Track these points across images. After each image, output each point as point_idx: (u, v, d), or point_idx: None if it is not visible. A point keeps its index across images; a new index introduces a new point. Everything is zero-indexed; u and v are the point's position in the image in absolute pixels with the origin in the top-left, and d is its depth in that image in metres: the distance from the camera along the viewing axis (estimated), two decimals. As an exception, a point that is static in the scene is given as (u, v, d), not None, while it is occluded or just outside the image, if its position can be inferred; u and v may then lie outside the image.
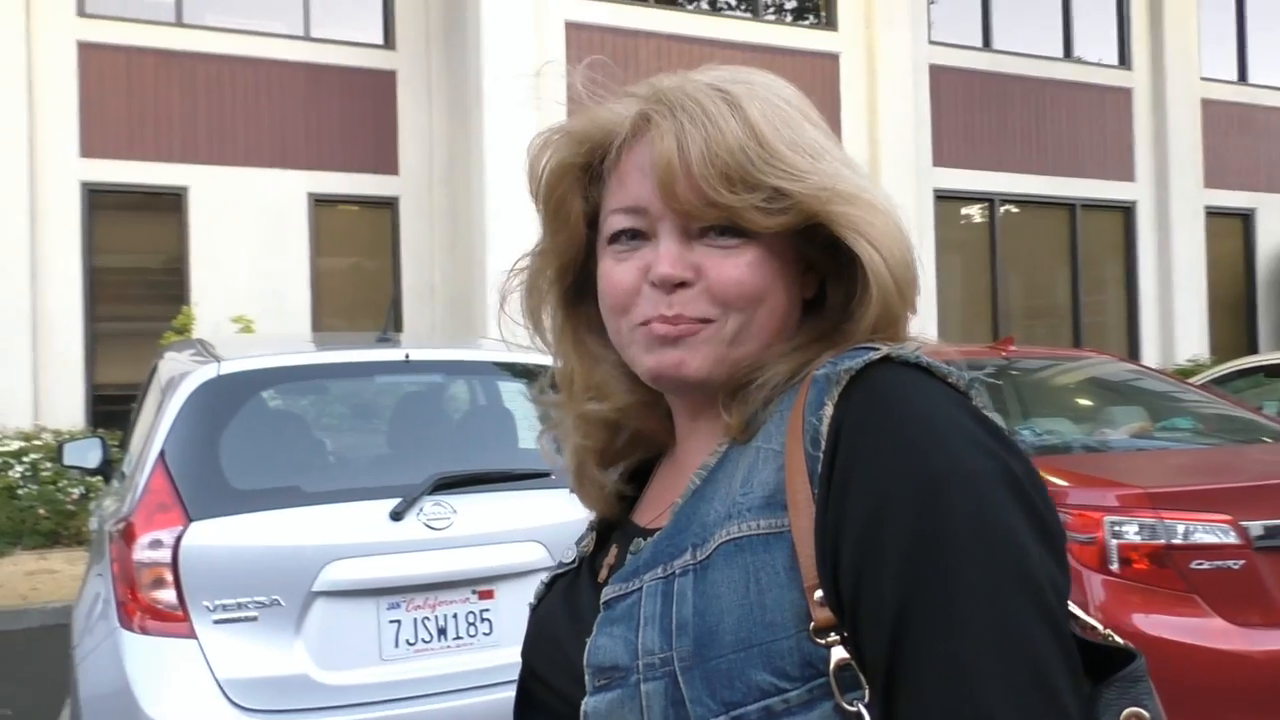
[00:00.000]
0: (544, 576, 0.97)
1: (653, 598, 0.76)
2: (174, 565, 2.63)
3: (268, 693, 2.64)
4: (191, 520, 2.69)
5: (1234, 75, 13.95)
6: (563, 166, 0.87)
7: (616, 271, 0.84)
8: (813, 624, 0.69)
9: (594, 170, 0.87)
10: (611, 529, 0.94)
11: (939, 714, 0.64)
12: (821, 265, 0.85)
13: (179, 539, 2.65)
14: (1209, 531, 3.24)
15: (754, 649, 0.70)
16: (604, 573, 0.88)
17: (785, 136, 0.79)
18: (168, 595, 2.63)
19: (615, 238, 0.84)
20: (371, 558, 2.79)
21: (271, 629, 2.67)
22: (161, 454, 2.80)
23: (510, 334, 0.98)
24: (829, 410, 0.73)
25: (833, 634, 0.69)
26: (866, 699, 0.68)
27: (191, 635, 2.61)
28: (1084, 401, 5.04)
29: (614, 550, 0.90)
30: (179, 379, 3.00)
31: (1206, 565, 3.20)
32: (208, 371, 2.96)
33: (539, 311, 0.94)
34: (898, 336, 0.82)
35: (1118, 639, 0.76)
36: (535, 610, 0.95)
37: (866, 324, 0.80)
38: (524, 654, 0.93)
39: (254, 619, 2.66)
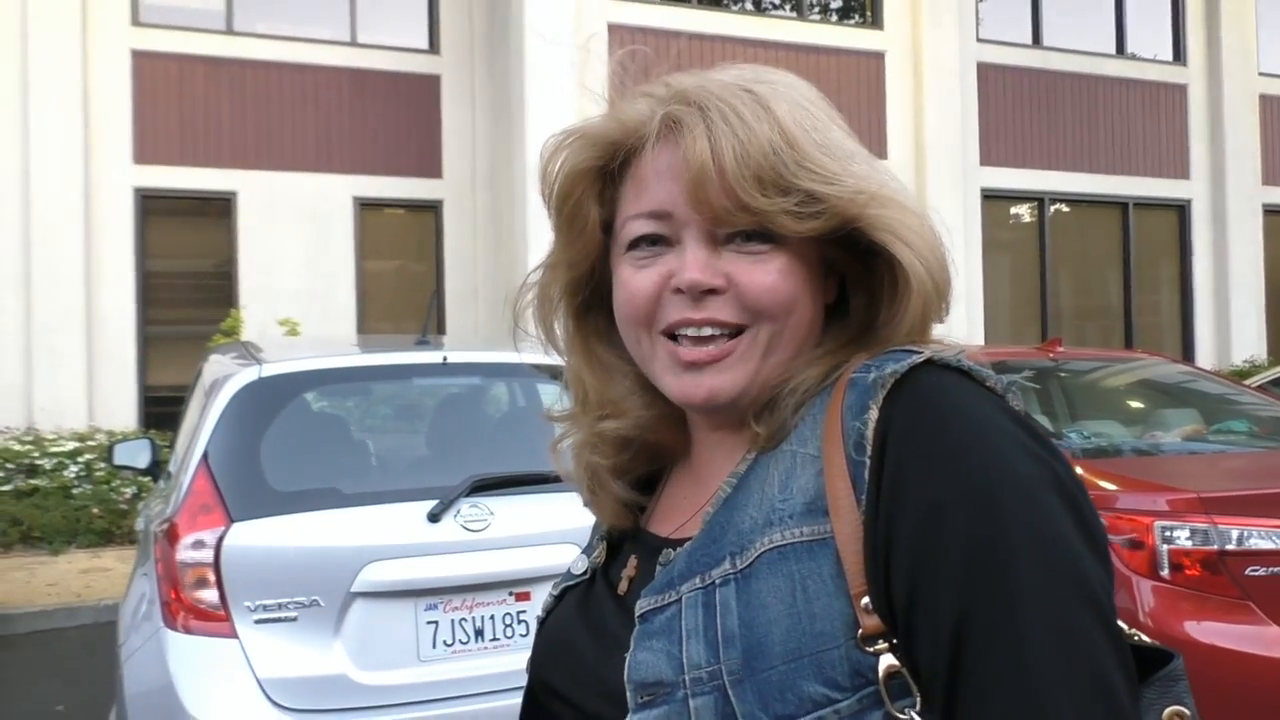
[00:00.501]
0: (552, 588, 0.95)
1: (694, 609, 0.74)
2: (216, 565, 2.67)
3: (307, 692, 2.66)
4: (233, 521, 2.72)
5: (1293, 69, 13.59)
6: (578, 171, 0.84)
7: (637, 279, 0.81)
8: (860, 631, 0.68)
9: (609, 174, 0.84)
10: (622, 539, 0.91)
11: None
12: (844, 269, 0.82)
13: (221, 539, 2.68)
14: (1264, 537, 3.15)
15: (804, 659, 0.69)
16: (624, 585, 0.85)
17: (815, 139, 0.77)
18: (210, 595, 2.67)
19: (635, 244, 0.81)
20: (409, 559, 2.80)
21: (311, 629, 2.69)
22: (204, 456, 2.83)
23: (528, 349, 0.95)
24: (874, 414, 0.71)
25: (881, 641, 0.68)
26: (918, 707, 0.67)
27: (233, 635, 2.64)
28: (1135, 404, 4.93)
29: (633, 561, 0.87)
30: (222, 381, 3.04)
31: (1262, 571, 3.11)
32: (249, 374, 3.00)
33: (551, 322, 0.91)
34: (926, 340, 0.80)
35: (1145, 639, 0.77)
36: (545, 623, 0.92)
37: (904, 327, 0.79)
38: (533, 668, 0.90)
39: (294, 619, 2.69)
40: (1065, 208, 12.35)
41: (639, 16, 10.09)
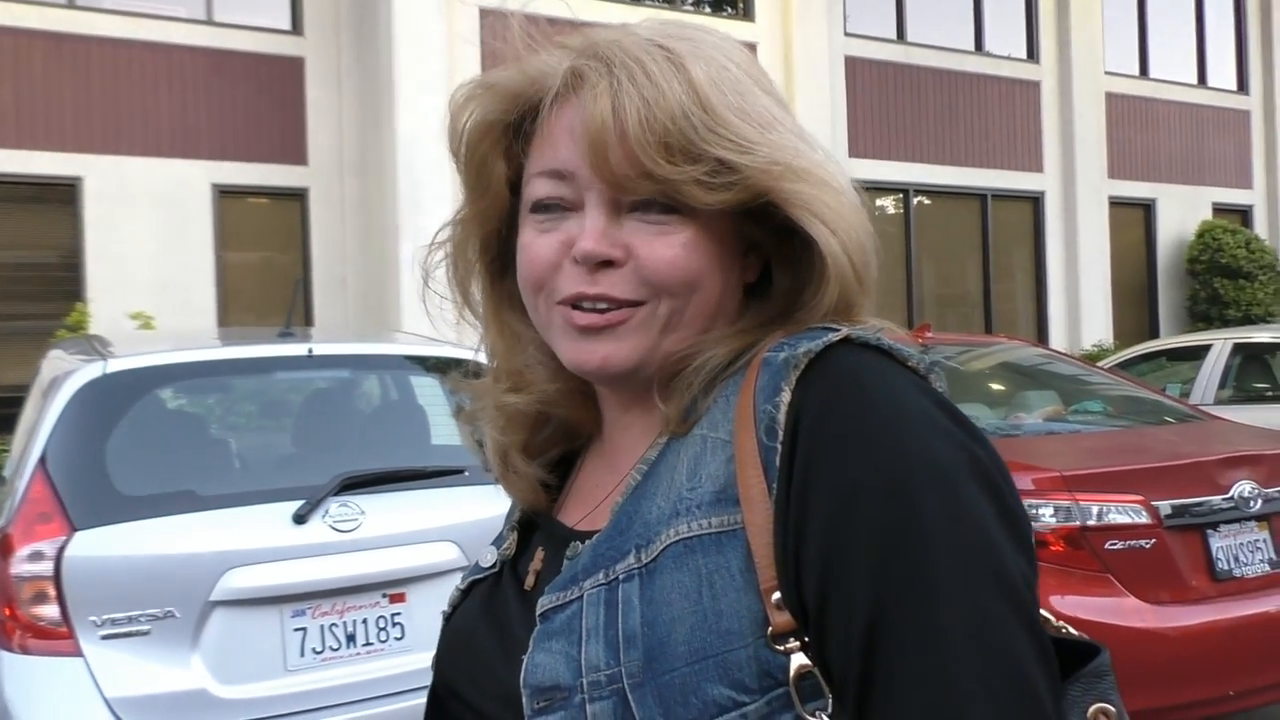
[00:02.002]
0: (459, 582, 0.88)
1: (595, 607, 0.69)
2: (56, 578, 2.47)
3: (162, 710, 2.49)
4: (75, 530, 2.52)
5: (1136, 69, 14.40)
6: (485, 124, 0.78)
7: (536, 244, 0.76)
8: (771, 629, 0.64)
9: (521, 130, 0.78)
10: (535, 528, 0.85)
11: None
12: (766, 247, 0.77)
13: (61, 550, 2.49)
14: (1122, 512, 3.29)
15: (709, 660, 0.64)
16: (530, 579, 0.80)
17: (733, 103, 0.71)
18: (50, 611, 2.47)
19: (538, 207, 0.76)
20: (273, 563, 2.66)
21: (165, 642, 2.52)
22: (42, 460, 2.61)
23: (437, 312, 0.88)
24: (786, 396, 0.67)
25: (792, 639, 0.64)
26: (830, 709, 0.63)
27: (77, 653, 2.45)
28: (998, 386, 5.11)
29: (540, 554, 0.81)
30: (62, 379, 2.81)
31: (1120, 545, 3.25)
32: (93, 370, 2.78)
33: (468, 284, 0.85)
34: (852, 322, 0.75)
35: (1073, 631, 0.74)
36: (450, 619, 0.86)
37: (820, 311, 0.74)
38: (437, 667, 0.84)
39: (146, 633, 2.51)
40: (928, 199, 12.78)
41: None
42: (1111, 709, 0.68)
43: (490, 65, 0.80)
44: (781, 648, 0.64)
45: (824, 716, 0.63)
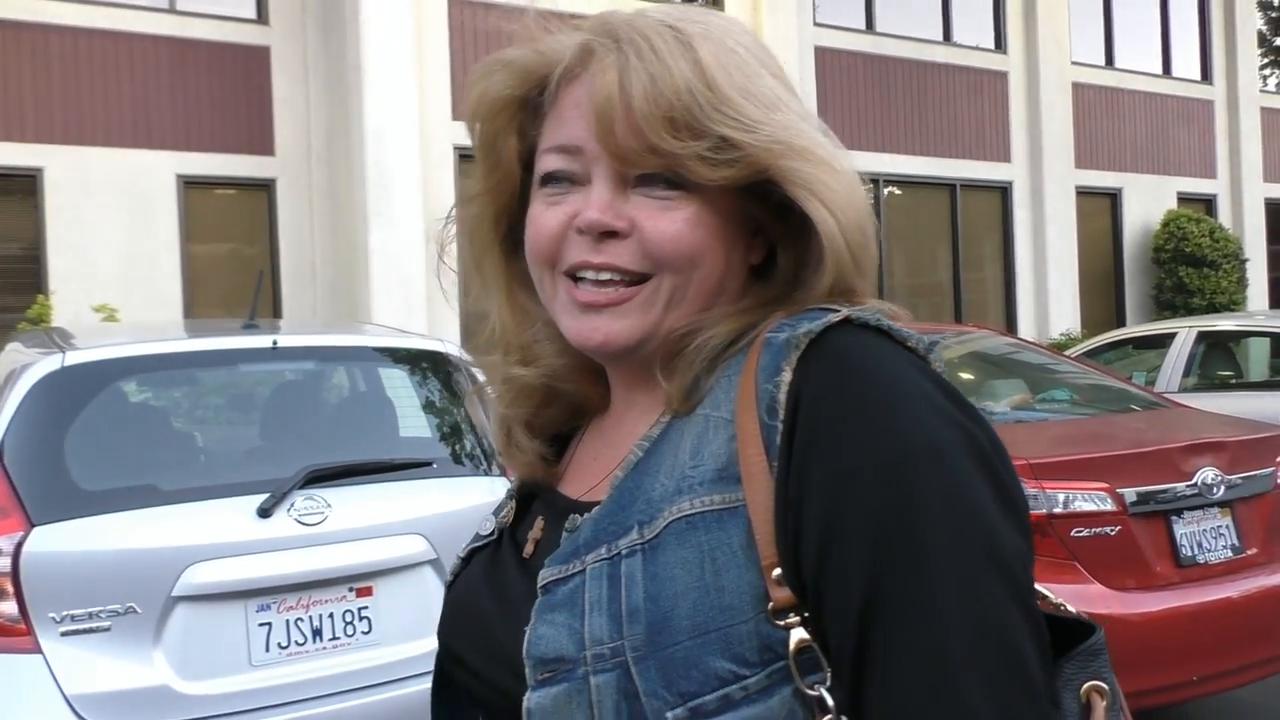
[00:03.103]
0: (460, 550, 0.90)
1: (598, 581, 0.70)
2: (14, 575, 2.42)
3: (124, 707, 2.45)
4: (34, 525, 2.47)
5: (1102, 60, 14.52)
6: (500, 99, 0.80)
7: (544, 217, 0.78)
8: (771, 605, 0.66)
9: (535, 106, 0.80)
10: (532, 497, 0.87)
11: (912, 698, 0.61)
12: (771, 229, 0.78)
13: (19, 546, 2.44)
14: (1088, 500, 3.32)
15: (711, 634, 0.66)
16: (529, 547, 0.82)
17: (738, 82, 0.73)
18: (8, 607, 2.42)
19: (547, 180, 0.78)
20: (238, 558, 2.62)
21: (127, 639, 2.48)
22: (-1, 454, 2.56)
23: (450, 287, 0.91)
24: (787, 376, 0.69)
25: (792, 615, 0.65)
26: (828, 682, 0.65)
27: (36, 650, 2.41)
28: (968, 375, 5.14)
29: (540, 523, 0.83)
30: (19, 372, 2.75)
31: (1085, 533, 3.28)
32: (51, 363, 2.73)
33: (484, 261, 0.87)
34: (853, 303, 0.76)
35: (1070, 609, 0.75)
36: (452, 588, 0.87)
37: (819, 292, 0.75)
38: (442, 636, 0.86)
39: (107, 629, 2.46)
40: (898, 190, 12.83)
41: (480, -10, 9.84)
42: (1105, 686, 0.70)
43: (459, 56, 0.80)
44: (781, 623, 0.65)
45: (822, 689, 0.64)
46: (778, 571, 0.66)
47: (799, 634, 0.65)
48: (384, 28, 9.13)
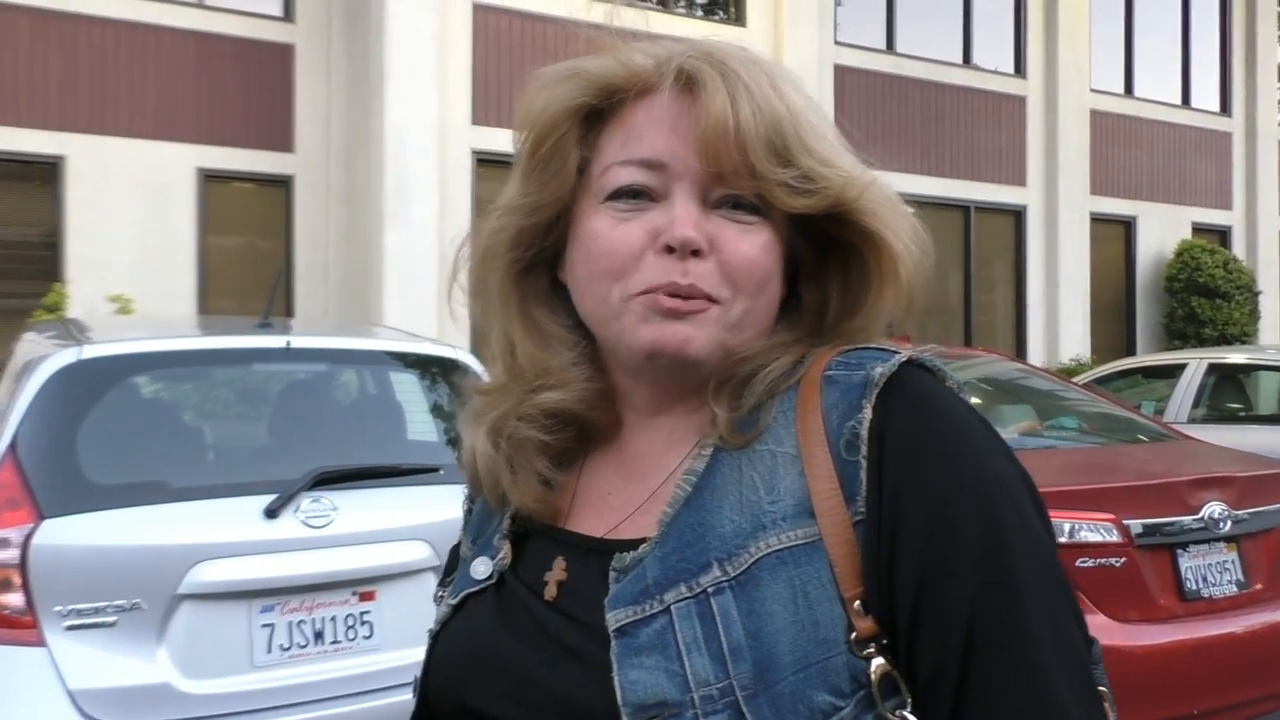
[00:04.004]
0: (447, 597, 0.84)
1: (688, 620, 0.69)
2: (23, 567, 2.44)
3: (125, 704, 2.46)
4: (44, 518, 2.49)
5: (1121, 88, 14.50)
6: (569, 107, 0.79)
7: (618, 231, 0.76)
8: (855, 634, 0.68)
9: (593, 118, 0.80)
10: (526, 536, 0.82)
11: (1019, 709, 0.66)
12: (805, 263, 0.82)
13: (29, 538, 2.46)
14: (1094, 530, 3.31)
15: (811, 668, 0.67)
16: (552, 589, 0.77)
17: (815, 123, 0.78)
18: (15, 599, 2.44)
19: (619, 194, 0.77)
20: (243, 558, 2.63)
21: (131, 635, 2.49)
22: (12, 445, 2.58)
23: (461, 308, 0.88)
24: (868, 414, 0.71)
25: (871, 644, 0.68)
26: (909, 707, 0.68)
27: (41, 643, 2.42)
28: (975, 401, 5.14)
29: (561, 563, 0.78)
30: (36, 363, 2.78)
31: (1091, 563, 3.27)
32: (68, 356, 2.75)
33: (491, 278, 0.84)
34: (875, 338, 0.81)
35: None
36: (443, 635, 0.82)
37: (870, 322, 0.80)
38: (441, 688, 0.80)
39: (112, 624, 2.48)
40: (912, 209, 12.78)
41: (504, -3, 9.89)
42: (1108, 692, 0.75)
43: (482, 62, 0.80)
44: (864, 652, 0.68)
45: (904, 714, 0.68)
46: (859, 603, 0.68)
47: (879, 661, 0.68)
48: (408, 31, 9.17)
